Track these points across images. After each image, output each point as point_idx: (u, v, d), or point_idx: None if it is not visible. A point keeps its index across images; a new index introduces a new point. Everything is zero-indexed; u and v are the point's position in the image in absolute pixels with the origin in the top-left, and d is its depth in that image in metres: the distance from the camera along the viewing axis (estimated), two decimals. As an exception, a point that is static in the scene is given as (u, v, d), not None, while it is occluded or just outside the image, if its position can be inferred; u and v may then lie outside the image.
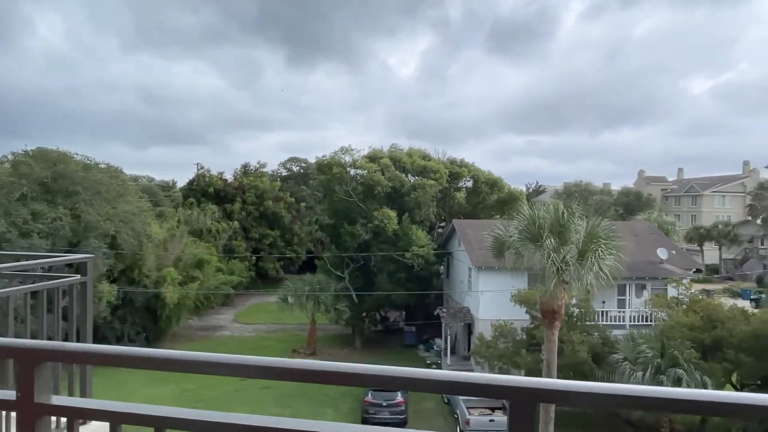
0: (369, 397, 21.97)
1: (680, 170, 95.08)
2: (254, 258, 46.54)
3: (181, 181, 57.18)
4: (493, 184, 35.61)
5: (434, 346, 30.27)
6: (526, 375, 20.93)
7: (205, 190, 50.59)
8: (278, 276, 51.12)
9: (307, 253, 55.03)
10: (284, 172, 70.52)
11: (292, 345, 33.08)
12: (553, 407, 14.36)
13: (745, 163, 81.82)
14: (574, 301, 19.83)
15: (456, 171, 34.87)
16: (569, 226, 13.01)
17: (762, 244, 63.60)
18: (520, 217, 14.00)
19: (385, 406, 21.58)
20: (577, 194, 60.53)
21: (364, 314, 34.29)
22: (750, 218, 63.63)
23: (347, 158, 32.57)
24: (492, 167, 35.27)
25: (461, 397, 21.56)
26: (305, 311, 31.88)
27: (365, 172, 31.97)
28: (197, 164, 54.90)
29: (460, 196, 36.08)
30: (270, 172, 62.92)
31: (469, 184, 36.27)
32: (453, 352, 29.98)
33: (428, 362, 27.74)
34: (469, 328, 29.21)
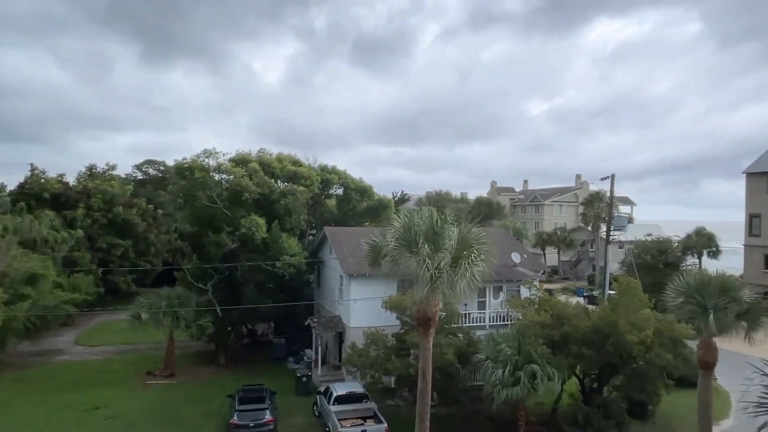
0: (235, 419, 20.53)
1: (525, 182, 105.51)
2: (101, 271, 41.56)
3: (11, 184, 49.36)
4: (364, 191, 35.92)
5: (305, 358, 29.48)
6: (396, 381, 21.06)
7: (39, 194, 44.14)
8: (130, 290, 46.37)
9: (164, 264, 50.72)
10: (140, 176, 64.55)
11: (145, 367, 29.90)
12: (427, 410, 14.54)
13: (578, 177, 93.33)
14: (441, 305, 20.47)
15: (327, 177, 34.54)
16: (443, 233, 13.31)
17: (591, 247, 72.66)
18: (395, 225, 14.01)
19: (252, 427, 20.32)
20: (438, 202, 63.80)
21: (229, 328, 32.28)
22: (582, 225, 72.41)
23: (211, 162, 30.47)
24: (358, 176, 35.61)
25: (332, 408, 21.14)
26: (162, 328, 29.06)
27: (232, 176, 30.15)
28: (30, 164, 47.78)
29: (331, 203, 35.83)
30: (123, 176, 57.12)
31: (340, 191, 36.19)
32: (324, 363, 29.45)
33: (298, 374, 26.85)
34: (340, 337, 28.93)
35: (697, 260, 61.40)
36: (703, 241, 62.78)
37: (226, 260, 30.01)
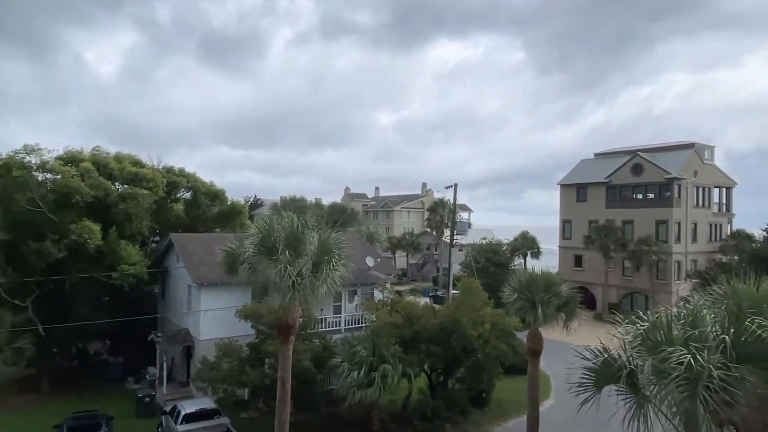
0: None
1: (377, 188, 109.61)
2: None
3: None
4: (215, 195, 34.15)
5: (147, 376, 27.02)
6: (251, 393, 20.37)
7: None
8: None
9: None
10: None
11: (-60, 402, 24.94)
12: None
13: (423, 185, 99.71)
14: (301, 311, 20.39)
15: (174, 180, 32.15)
16: (304, 239, 13.31)
17: (436, 250, 77.98)
18: (254, 231, 13.65)
19: None
20: (293, 208, 63.21)
21: (54, 350, 28.32)
22: (428, 230, 77.35)
23: (33, 159, 26.51)
24: (207, 179, 33.55)
25: (180, 428, 19.84)
26: (-36, 355, 24.50)
27: (59, 176, 26.53)
28: None
29: (178, 207, 33.41)
30: None
31: (189, 195, 33.93)
32: (170, 380, 27.38)
33: (139, 395, 24.58)
34: (189, 351, 27.14)
35: (523, 260, 69.44)
36: (527, 244, 71.18)
37: (51, 272, 26.30)
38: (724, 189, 54.50)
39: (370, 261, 31.23)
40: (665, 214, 48.29)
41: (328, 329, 26.48)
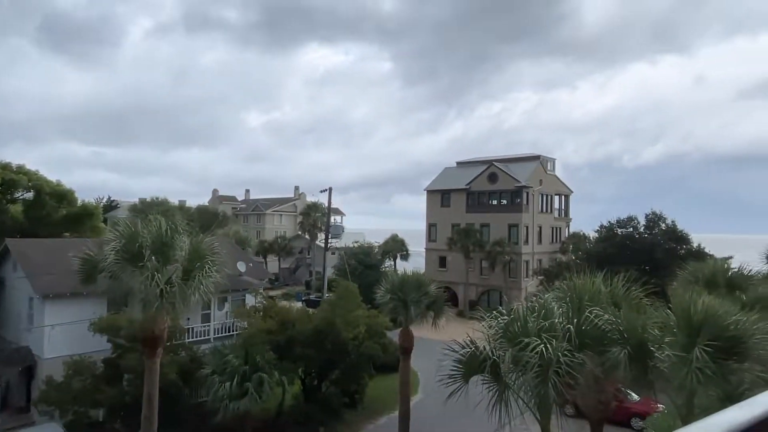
0: None
1: (247, 191, 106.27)
2: None
3: None
4: (62, 196, 30.48)
5: (-28, 405, 23.25)
6: (107, 413, 18.65)
7: None
8: None
9: None
10: None
11: None
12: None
13: (296, 188, 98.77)
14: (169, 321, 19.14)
15: (11, 178, 28.07)
16: (174, 244, 12.53)
17: (309, 254, 77.66)
18: (115, 235, 12.52)
19: None
20: (155, 211, 58.74)
21: None
22: (300, 233, 76.81)
23: None
24: (52, 177, 29.75)
25: None
26: None
27: None
28: None
29: (17, 209, 29.24)
30: None
31: (30, 195, 29.86)
32: (5, 407, 23.86)
33: (-39, 429, 21.11)
34: (30, 372, 23.91)
35: (393, 262, 72.11)
36: (397, 246, 74.03)
37: None
38: (563, 196, 61.83)
39: (241, 266, 30.25)
40: (516, 218, 53.47)
41: (195, 339, 25.12)
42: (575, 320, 8.61)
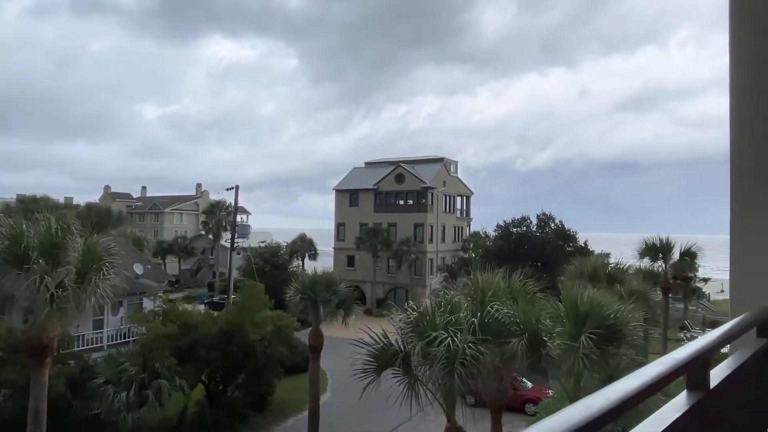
0: None
1: (144, 188, 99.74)
2: None
3: None
4: None
5: None
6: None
7: None
8: None
9: None
10: None
11: None
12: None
13: (198, 186, 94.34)
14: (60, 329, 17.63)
15: None
16: (66, 245, 11.56)
17: (211, 255, 74.63)
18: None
19: None
20: (37, 209, 53.37)
21: None
22: (203, 233, 73.59)
23: None
24: None
25: None
26: None
27: None
28: None
29: None
30: None
31: None
32: None
33: None
34: None
35: (301, 262, 71.41)
36: (305, 246, 73.36)
37: None
38: (465, 197, 64.89)
39: (138, 268, 28.52)
40: (422, 218, 55.30)
41: (86, 347, 23.32)
42: (479, 314, 9.22)
